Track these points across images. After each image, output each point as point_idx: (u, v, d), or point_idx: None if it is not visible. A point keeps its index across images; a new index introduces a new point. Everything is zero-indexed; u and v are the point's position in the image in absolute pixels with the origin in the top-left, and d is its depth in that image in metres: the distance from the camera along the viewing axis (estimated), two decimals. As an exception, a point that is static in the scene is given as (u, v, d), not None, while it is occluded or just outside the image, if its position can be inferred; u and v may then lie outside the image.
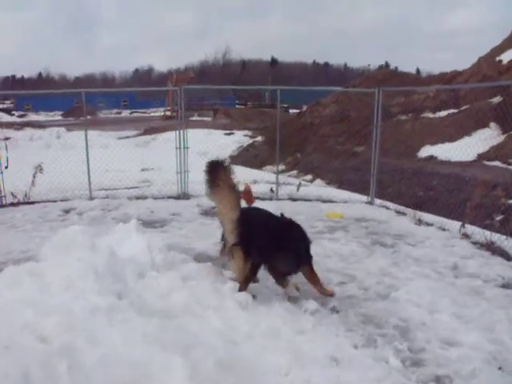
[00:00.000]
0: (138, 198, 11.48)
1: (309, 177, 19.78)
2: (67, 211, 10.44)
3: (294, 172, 21.00)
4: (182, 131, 11.46)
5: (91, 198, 11.38)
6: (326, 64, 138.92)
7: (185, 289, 4.60)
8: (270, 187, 11.80)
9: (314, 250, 7.16)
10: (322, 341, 4.34)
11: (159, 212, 10.06)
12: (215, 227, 8.70)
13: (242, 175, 13.80)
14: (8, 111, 75.19)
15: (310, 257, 5.48)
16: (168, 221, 9.32)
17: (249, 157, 24.39)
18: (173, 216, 9.74)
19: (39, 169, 11.71)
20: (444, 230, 8.48)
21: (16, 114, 72.27)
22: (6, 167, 12.00)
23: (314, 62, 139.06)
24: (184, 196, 11.41)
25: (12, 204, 11.40)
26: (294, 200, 10.98)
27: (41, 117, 65.02)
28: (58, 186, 12.27)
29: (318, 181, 19.05)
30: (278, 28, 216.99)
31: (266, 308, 4.74)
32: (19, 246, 7.98)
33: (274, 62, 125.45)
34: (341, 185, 16.59)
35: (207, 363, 3.05)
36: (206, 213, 10.10)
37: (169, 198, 11.48)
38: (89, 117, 63.53)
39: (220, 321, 4.22)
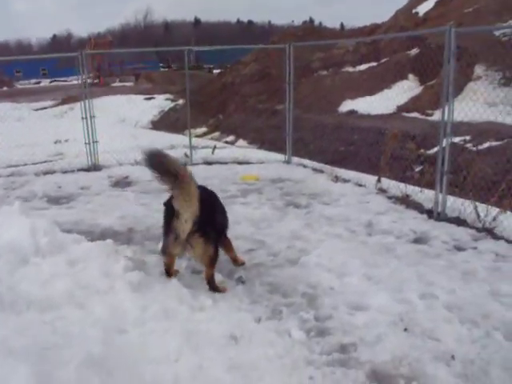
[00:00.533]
0: (46, 173, 10.73)
1: (231, 138, 19.39)
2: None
3: (217, 134, 20.54)
4: (87, 100, 10.71)
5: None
6: (250, 22, 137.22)
7: (70, 274, 4.14)
8: (185, 151, 11.31)
9: (224, 216, 6.92)
10: (222, 317, 4.01)
11: (67, 186, 9.41)
12: (124, 199, 8.29)
13: (160, 139, 13.49)
14: None
15: None
16: (75, 195, 8.71)
17: (171, 121, 23.63)
18: (81, 190, 9.12)
19: None
20: (361, 185, 8.31)
21: None
22: None
23: (238, 21, 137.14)
24: (95, 168, 10.75)
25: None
26: (210, 164, 10.57)
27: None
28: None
29: (241, 141, 18.72)
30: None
31: (161, 286, 4.36)
32: None
33: (197, 22, 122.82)
34: (262, 144, 16.34)
35: (69, 366, 2.64)
36: (117, 184, 9.56)
37: (79, 170, 10.79)
38: (5, 88, 60.89)
39: (106, 307, 3.80)
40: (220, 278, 4.79)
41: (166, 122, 24.95)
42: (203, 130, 21.92)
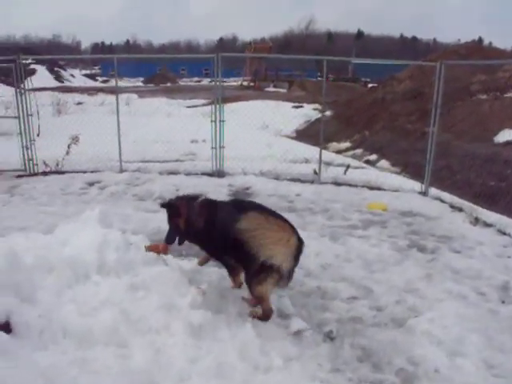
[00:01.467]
0: (170, 173, 10.66)
1: (373, 157, 18.30)
2: (91, 184, 9.79)
3: (359, 151, 19.55)
4: (217, 102, 10.43)
5: (121, 171, 10.67)
6: (414, 38, 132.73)
7: (125, 302, 3.63)
8: (315, 168, 10.60)
9: (335, 249, 6.13)
10: (291, 386, 3.28)
11: (185, 190, 9.13)
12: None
13: (294, 151, 12.92)
14: (93, 77, 76.98)
15: None
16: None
17: (315, 132, 23.04)
18: (201, 196, 8.83)
19: (75, 140, 11.18)
20: (504, 234, 7.02)
21: (100, 79, 73.76)
22: (38, 135, 11.59)
23: (402, 36, 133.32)
24: (218, 174, 10.44)
25: (43, 173, 10.94)
26: (338, 185, 9.76)
27: (122, 82, 65.80)
28: (93, 156, 11.68)
29: (383, 161, 17.60)
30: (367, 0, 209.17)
31: (226, 332, 3.70)
32: (21, 222, 7.39)
33: (359, 34, 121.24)
34: (405, 168, 15.16)
35: None
36: (236, 194, 9.13)
37: (203, 174, 10.57)
38: (169, 84, 64.45)
39: (150, 352, 3.23)
40: (301, 327, 4.06)
41: (310, 133, 24.36)
42: (346, 144, 21.06)
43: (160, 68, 73.81)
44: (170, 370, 3.12)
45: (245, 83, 53.79)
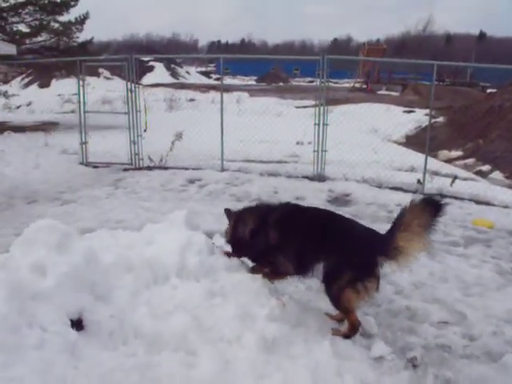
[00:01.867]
0: (270, 174, 10.64)
1: (486, 167, 17.28)
2: (191, 181, 9.98)
3: (471, 160, 18.53)
4: (321, 105, 10.26)
5: (222, 170, 10.79)
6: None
7: (200, 308, 3.58)
8: (419, 177, 10.14)
9: (430, 266, 5.78)
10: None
11: (283, 193, 9.09)
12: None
13: (403, 158, 12.44)
14: (207, 74, 79.18)
15: None
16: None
17: (425, 139, 22.16)
18: (295, 200, 8.67)
19: (179, 136, 11.48)
20: None
21: (214, 76, 75.76)
22: (145, 130, 11.99)
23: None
24: (319, 178, 10.27)
25: (148, 167, 11.33)
26: (443, 196, 9.23)
27: (236, 81, 67.26)
28: (197, 153, 11.95)
29: (497, 173, 16.58)
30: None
31: (300, 350, 3.54)
32: (120, 214, 7.68)
33: (481, 36, 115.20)
34: (520, 182, 14.19)
35: None
36: (335, 201, 8.93)
37: (303, 177, 10.45)
38: (281, 83, 64.94)
39: (217, 364, 3.13)
40: (383, 352, 3.82)
41: (420, 139, 23.43)
42: (458, 153, 20.04)
43: (273, 67, 74.46)
44: (237, 384, 3.02)
45: (357, 85, 53.05)
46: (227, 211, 4.70)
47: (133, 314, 3.38)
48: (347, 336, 3.99)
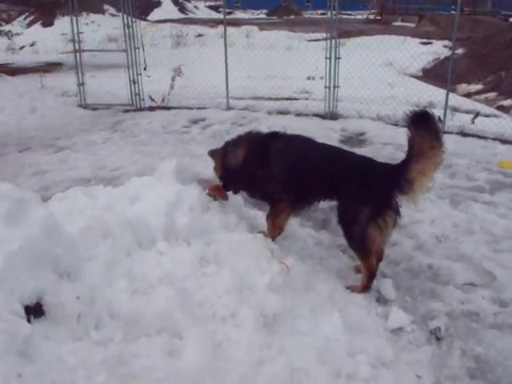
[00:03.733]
0: (279, 112, 9.99)
1: (508, 102, 16.40)
2: (195, 122, 9.39)
3: (492, 94, 17.60)
4: (332, 38, 9.47)
5: (228, 109, 10.15)
6: None
7: (191, 277, 3.08)
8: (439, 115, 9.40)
9: (454, 216, 5.24)
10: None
11: (293, 133, 8.47)
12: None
13: (418, 93, 11.67)
14: (216, 8, 76.58)
15: None
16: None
17: (443, 71, 21.12)
18: (306, 140, 8.09)
19: (178, 72, 10.77)
20: None
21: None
22: (145, 68, 11.32)
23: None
24: (331, 116, 9.60)
25: (149, 108, 10.71)
26: (464, 135, 8.57)
27: (246, 14, 65.06)
28: (202, 92, 11.26)
29: (520, 108, 15.71)
30: None
31: (310, 320, 3.06)
32: (116, 161, 7.18)
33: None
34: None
35: None
36: (349, 140, 8.31)
37: (314, 115, 9.78)
38: (292, 16, 62.82)
39: (206, 350, 2.61)
40: (402, 322, 3.33)
41: (438, 72, 22.42)
42: (477, 87, 19.04)
43: (284, 0, 71.84)
44: (228, 376, 2.52)
45: (371, 17, 51.09)
46: (211, 152, 4.26)
47: (108, 290, 2.89)
48: (366, 287, 3.66)
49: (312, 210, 4.24)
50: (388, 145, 7.97)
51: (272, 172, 3.84)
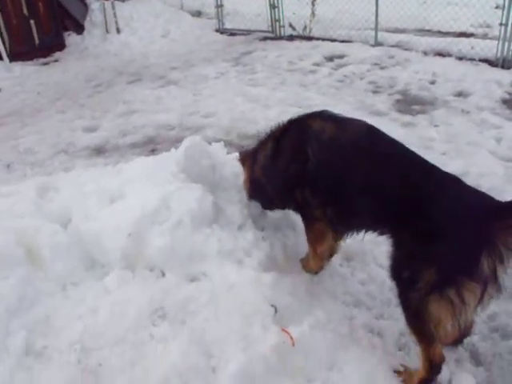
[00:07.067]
0: (437, 53, 8.03)
1: None
2: (330, 59, 8.00)
3: None
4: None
5: (376, 44, 8.45)
6: None
7: (118, 346, 1.97)
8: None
9: None
10: None
11: (442, 85, 6.66)
12: None
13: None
14: None
15: None
16: (437, 106, 5.97)
17: None
18: (454, 98, 6.24)
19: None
20: None
21: None
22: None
23: None
24: (503, 63, 7.40)
25: (289, 37, 9.46)
26: None
27: None
28: (351, 21, 9.56)
29: None
30: None
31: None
32: (214, 104, 6.35)
33: None
34: None
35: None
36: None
37: (481, 61, 7.60)
38: None
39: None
40: None
41: None
42: None
43: None
44: None
45: None
46: (242, 155, 2.91)
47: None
48: (425, 381, 2.23)
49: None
50: None
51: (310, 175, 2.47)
